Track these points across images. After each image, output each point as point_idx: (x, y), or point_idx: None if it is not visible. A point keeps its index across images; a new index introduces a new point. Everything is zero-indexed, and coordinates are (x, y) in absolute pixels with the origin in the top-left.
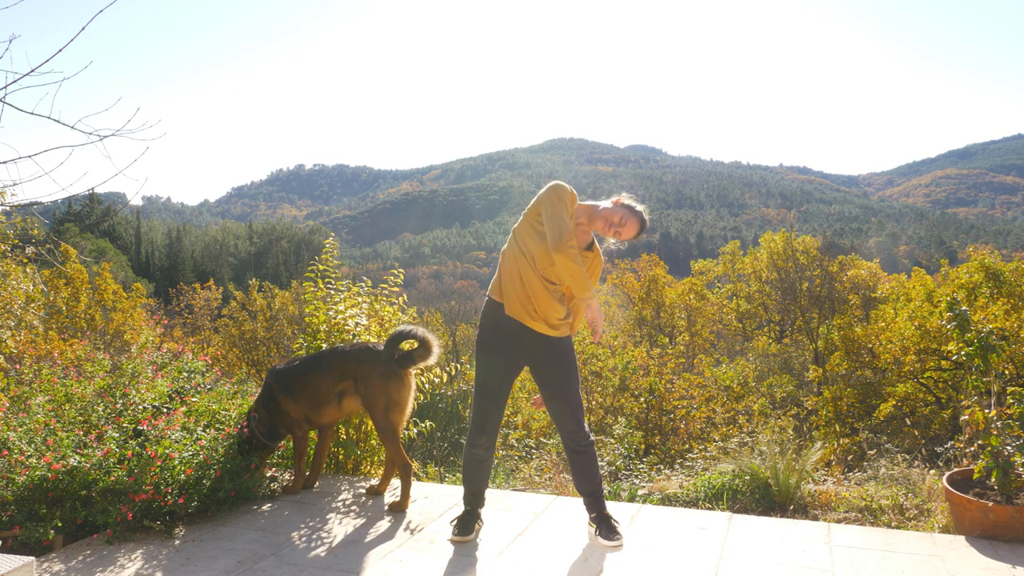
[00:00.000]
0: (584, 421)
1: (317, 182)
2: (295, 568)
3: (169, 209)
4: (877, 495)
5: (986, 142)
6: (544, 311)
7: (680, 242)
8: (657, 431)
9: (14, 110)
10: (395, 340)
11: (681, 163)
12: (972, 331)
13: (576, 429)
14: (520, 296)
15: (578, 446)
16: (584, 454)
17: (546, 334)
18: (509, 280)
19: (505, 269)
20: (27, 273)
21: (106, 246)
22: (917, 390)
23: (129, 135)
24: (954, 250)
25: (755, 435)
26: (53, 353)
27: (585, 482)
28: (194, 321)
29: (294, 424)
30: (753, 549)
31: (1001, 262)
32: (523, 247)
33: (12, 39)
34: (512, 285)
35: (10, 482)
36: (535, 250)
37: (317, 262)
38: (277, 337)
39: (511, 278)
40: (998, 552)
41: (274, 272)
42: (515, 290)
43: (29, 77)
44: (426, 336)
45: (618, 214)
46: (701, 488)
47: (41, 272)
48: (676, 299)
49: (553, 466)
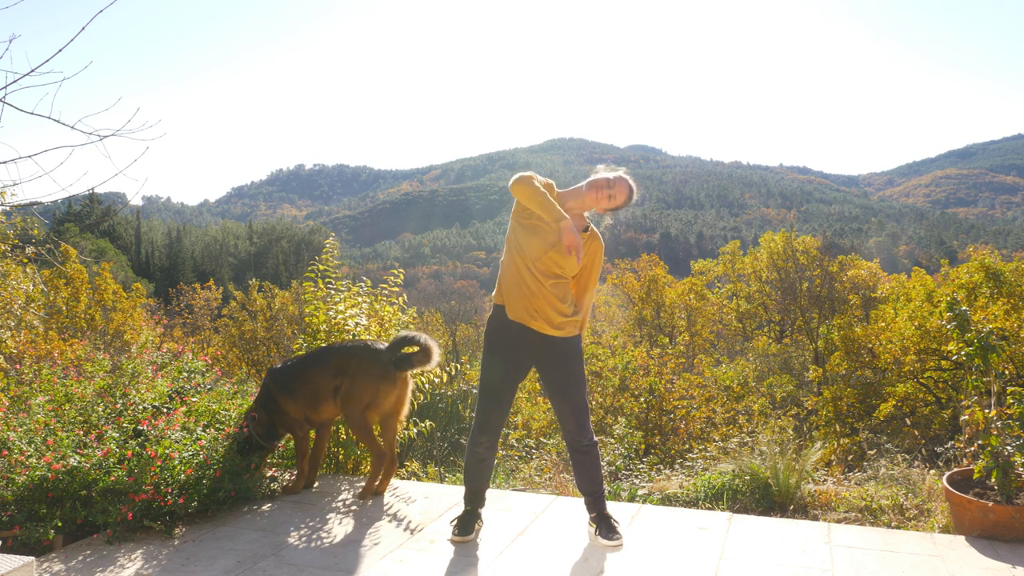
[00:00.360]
0: (587, 422)
1: (317, 182)
2: (295, 568)
3: (169, 209)
4: (877, 495)
5: (986, 142)
6: (544, 310)
7: (680, 242)
8: (657, 431)
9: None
10: (399, 344)
11: (681, 163)
12: (972, 331)
13: (576, 430)
14: (520, 297)
15: (580, 446)
16: (586, 455)
17: (548, 334)
18: (508, 283)
19: (504, 274)
20: (27, 273)
21: (106, 246)
22: (917, 390)
23: (129, 135)
24: (954, 250)
25: (755, 435)
26: (53, 353)
27: (586, 482)
28: (194, 321)
29: (294, 424)
30: (753, 549)
31: (1001, 262)
32: (516, 247)
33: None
34: (511, 287)
35: (10, 482)
36: (526, 246)
37: (317, 262)
38: (277, 337)
39: (510, 281)
40: (998, 552)
41: (274, 272)
42: (515, 292)
43: (29, 77)
44: (428, 344)
45: (605, 178)
46: (701, 488)
47: (41, 272)
48: (676, 299)
49: (553, 466)
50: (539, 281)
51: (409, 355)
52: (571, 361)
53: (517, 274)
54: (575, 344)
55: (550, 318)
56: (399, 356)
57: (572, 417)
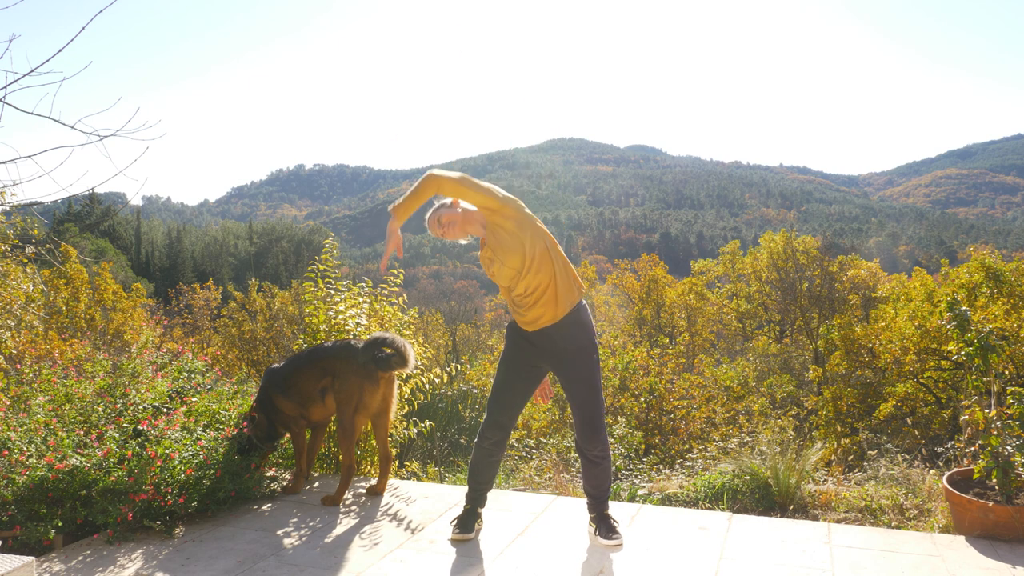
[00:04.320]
0: (599, 433)
1: (317, 182)
2: (295, 568)
3: (169, 209)
4: (877, 495)
5: (986, 142)
6: (522, 311)
7: (680, 242)
8: (657, 431)
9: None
10: (372, 345)
11: (681, 163)
12: (972, 331)
13: (583, 440)
14: (511, 307)
15: (590, 454)
16: (596, 465)
17: (543, 328)
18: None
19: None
20: (27, 273)
21: (106, 246)
22: (917, 390)
23: (129, 135)
24: (954, 250)
25: (755, 435)
26: (53, 353)
27: (593, 487)
28: (194, 321)
29: (290, 421)
30: (753, 549)
31: (1001, 262)
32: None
33: (12, 39)
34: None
35: (10, 482)
36: (485, 264)
37: (317, 262)
38: (277, 337)
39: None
40: (998, 552)
41: (274, 272)
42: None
43: (29, 77)
44: (403, 348)
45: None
46: (701, 488)
47: (41, 272)
48: (676, 299)
49: (553, 466)
50: (505, 290)
51: (388, 357)
52: (577, 359)
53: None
54: (581, 340)
55: (526, 316)
56: (379, 356)
57: (581, 421)
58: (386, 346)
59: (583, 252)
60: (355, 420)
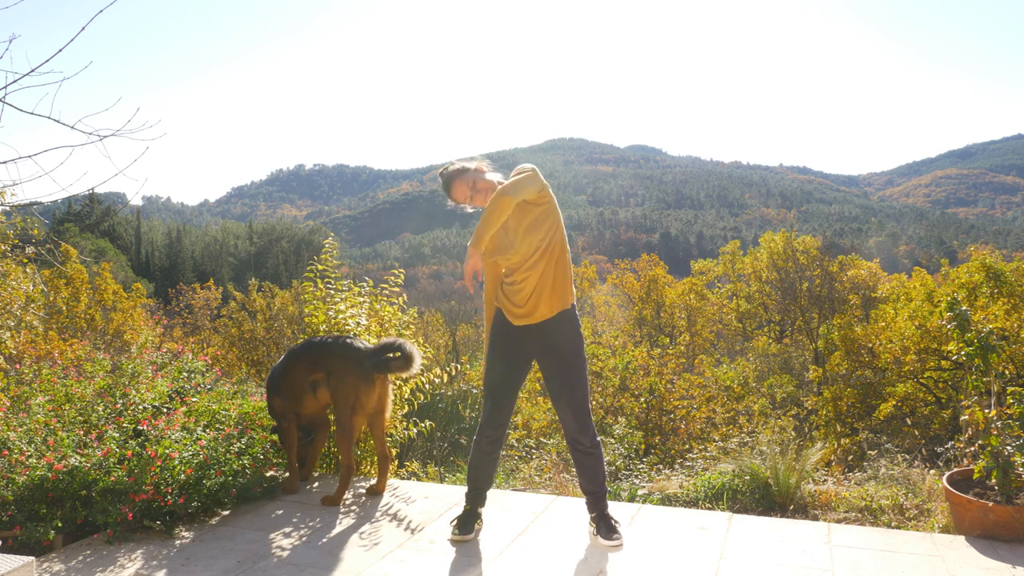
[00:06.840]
0: (588, 423)
1: (317, 182)
2: (295, 568)
3: (169, 209)
4: (877, 495)
5: (986, 142)
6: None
7: (680, 242)
8: (657, 431)
9: (14, 110)
10: (384, 349)
11: (681, 163)
12: (972, 331)
13: (574, 433)
14: (500, 296)
15: (581, 447)
16: (589, 455)
17: (537, 322)
18: (491, 286)
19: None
20: (27, 273)
21: (106, 246)
22: (917, 390)
23: (129, 135)
24: (954, 250)
25: (755, 435)
26: (53, 353)
27: (588, 481)
28: (194, 321)
29: (279, 417)
30: (753, 549)
31: (1001, 262)
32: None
33: (12, 39)
34: (494, 290)
35: (10, 482)
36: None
37: (317, 262)
38: (277, 337)
39: (492, 284)
40: (998, 552)
41: (274, 272)
42: (497, 292)
43: (29, 77)
44: (412, 353)
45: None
46: (701, 488)
47: (41, 272)
48: (676, 299)
49: (553, 466)
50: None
51: (388, 360)
52: (564, 352)
53: (493, 276)
54: (569, 334)
55: (515, 308)
56: (382, 359)
57: (571, 416)
58: (396, 351)
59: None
60: (353, 420)
